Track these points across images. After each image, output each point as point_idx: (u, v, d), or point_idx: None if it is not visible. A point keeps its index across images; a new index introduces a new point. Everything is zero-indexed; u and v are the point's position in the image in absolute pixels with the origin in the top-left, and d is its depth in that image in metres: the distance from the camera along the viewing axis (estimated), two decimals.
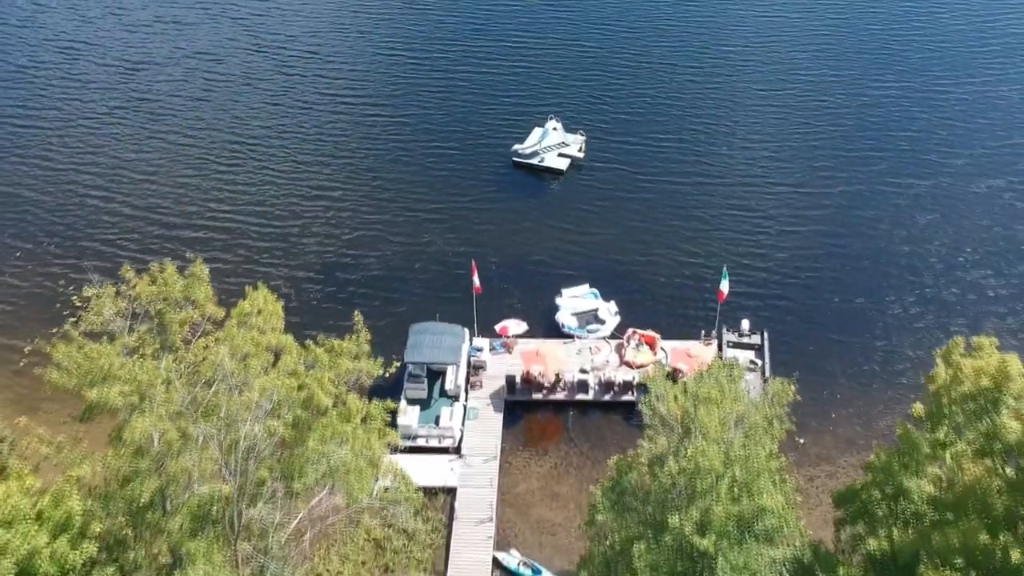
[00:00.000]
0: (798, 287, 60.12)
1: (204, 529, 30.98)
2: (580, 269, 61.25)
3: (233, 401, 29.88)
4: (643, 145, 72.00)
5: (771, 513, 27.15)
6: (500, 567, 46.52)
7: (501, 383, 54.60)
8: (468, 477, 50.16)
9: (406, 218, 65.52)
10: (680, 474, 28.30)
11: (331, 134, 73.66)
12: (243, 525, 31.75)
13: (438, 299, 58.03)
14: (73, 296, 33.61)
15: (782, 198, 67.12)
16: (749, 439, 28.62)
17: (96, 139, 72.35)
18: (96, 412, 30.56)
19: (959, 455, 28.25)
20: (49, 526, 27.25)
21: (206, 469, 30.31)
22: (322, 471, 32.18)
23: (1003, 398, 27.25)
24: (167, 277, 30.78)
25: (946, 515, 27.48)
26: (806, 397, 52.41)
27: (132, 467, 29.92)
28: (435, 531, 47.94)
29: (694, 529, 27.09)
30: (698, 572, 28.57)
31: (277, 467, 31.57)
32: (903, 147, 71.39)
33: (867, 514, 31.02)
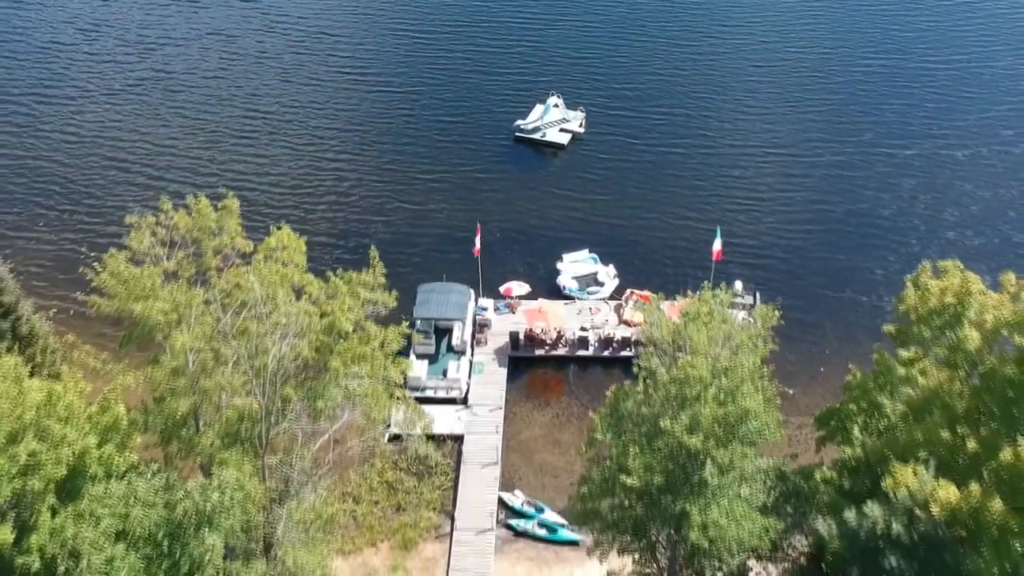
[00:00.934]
0: (789, 249, 63.02)
1: (233, 446, 33.60)
2: (580, 235, 63.97)
3: (262, 324, 32.57)
4: (641, 120, 74.78)
5: (754, 415, 29.84)
6: (505, 506, 49.22)
7: (505, 340, 57.30)
8: (474, 425, 52.86)
9: (413, 188, 68.25)
10: (671, 383, 31.04)
11: (341, 109, 76.48)
12: (269, 442, 34.41)
13: (444, 262, 60.60)
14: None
15: (774, 165, 70.15)
16: (735, 354, 31.32)
17: (116, 113, 75.26)
18: (137, 335, 33.26)
19: (926, 368, 30.93)
20: (97, 430, 29.91)
21: (236, 386, 32.98)
22: (342, 394, 34.83)
23: (965, 312, 29.94)
24: (201, 208, 33.50)
25: (912, 418, 30.18)
26: (796, 352, 55.69)
27: (170, 384, 32.64)
28: (444, 474, 50.70)
29: (684, 430, 29.79)
30: (688, 473, 31.27)
31: (302, 388, 34.20)
32: (889, 118, 74.56)
33: (843, 429, 33.70)
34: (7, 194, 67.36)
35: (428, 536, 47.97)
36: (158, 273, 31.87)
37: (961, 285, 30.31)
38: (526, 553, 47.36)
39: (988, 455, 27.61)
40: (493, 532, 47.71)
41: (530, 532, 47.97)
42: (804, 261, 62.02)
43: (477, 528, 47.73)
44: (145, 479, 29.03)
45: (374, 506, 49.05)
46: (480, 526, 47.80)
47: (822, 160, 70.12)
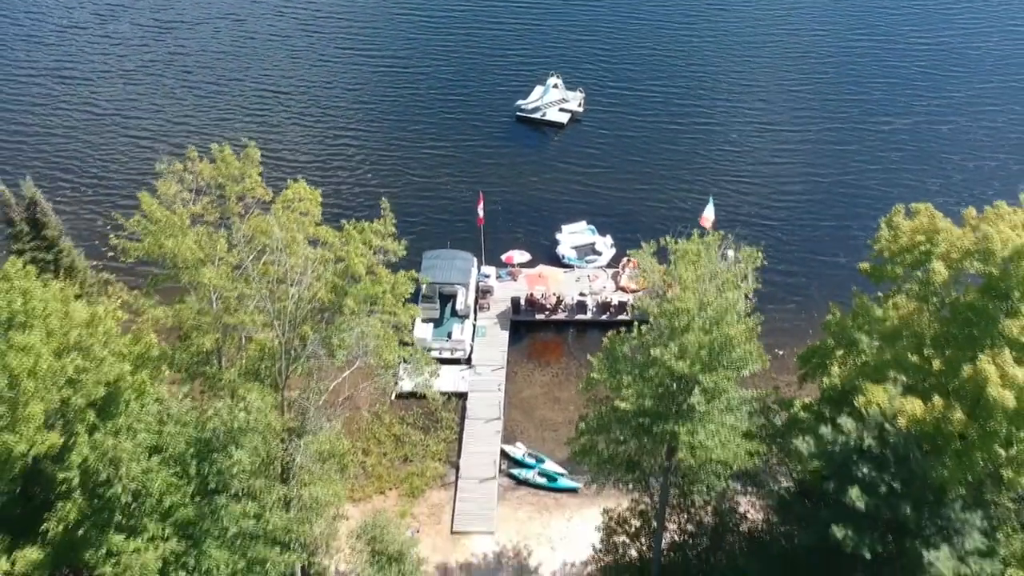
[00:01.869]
0: (780, 217, 65.72)
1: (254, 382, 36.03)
2: (578, 208, 66.48)
3: (281, 265, 35.02)
4: (638, 99, 77.51)
5: (737, 342, 32.29)
6: (507, 458, 51.72)
7: (507, 306, 59.80)
8: (478, 384, 55.33)
9: (419, 162, 70.87)
10: (661, 315, 33.50)
11: (350, 88, 79.40)
12: (288, 378, 36.86)
13: (448, 231, 63.11)
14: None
15: (766, 139, 73.11)
16: (720, 290, 33.75)
17: (132, 92, 78.18)
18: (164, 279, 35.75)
19: (899, 302, 33.39)
20: (131, 358, 32.37)
21: (258, 325, 35.45)
22: (356, 334, 37.28)
23: (933, 249, 32.38)
24: (226, 156, 35.95)
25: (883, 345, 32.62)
26: (785, 315, 58.28)
27: (195, 321, 35.13)
28: (449, 428, 53.19)
29: (672, 357, 32.23)
30: (678, 400, 33.72)
31: (320, 327, 36.63)
32: (877, 94, 77.72)
33: (823, 365, 36.12)
34: (26, 168, 70.05)
35: (434, 484, 50.49)
36: (186, 214, 34.34)
37: (929, 224, 32.76)
38: (527, 500, 49.87)
39: (951, 373, 30.07)
40: (496, 481, 50.18)
41: (531, 481, 50.47)
42: (794, 228, 64.71)
43: (481, 477, 50.21)
44: (177, 400, 31.46)
45: (383, 457, 51.59)
46: (484, 475, 50.28)
47: (812, 133, 73.37)
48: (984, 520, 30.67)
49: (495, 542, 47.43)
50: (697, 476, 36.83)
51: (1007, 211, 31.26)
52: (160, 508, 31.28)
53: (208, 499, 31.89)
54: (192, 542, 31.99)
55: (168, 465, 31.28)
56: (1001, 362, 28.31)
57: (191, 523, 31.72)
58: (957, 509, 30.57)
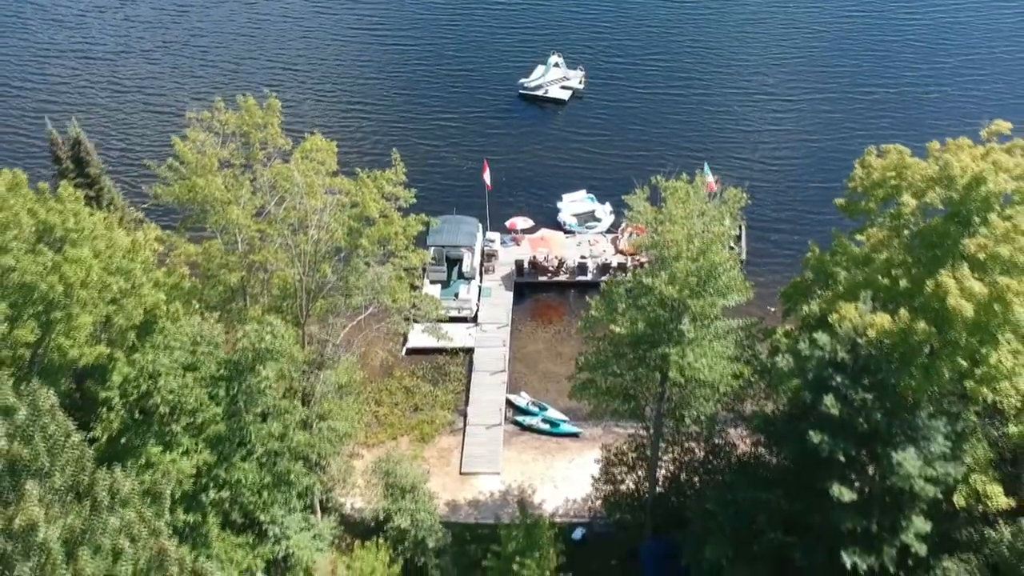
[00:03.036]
0: (774, 180, 68.64)
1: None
2: (579, 178, 69.42)
3: (301, 208, 37.94)
4: (636, 77, 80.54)
5: (722, 269, 35.12)
6: (512, 406, 54.58)
7: (511, 269, 62.68)
8: (484, 340, 58.22)
9: (426, 133, 74.05)
10: (652, 247, 36.34)
11: (360, 64, 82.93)
12: (308, 314, 39.81)
13: (454, 198, 65.87)
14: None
15: (761, 108, 76.49)
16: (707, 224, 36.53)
17: (151, 70, 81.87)
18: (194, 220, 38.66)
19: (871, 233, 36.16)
20: (165, 289, 35.29)
21: (280, 263, 38.38)
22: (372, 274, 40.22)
23: (902, 183, 35.16)
24: (249, 105, 38.83)
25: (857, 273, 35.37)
26: (776, 276, 60.83)
27: (223, 259, 38.06)
28: (456, 380, 56.08)
29: (663, 284, 35.05)
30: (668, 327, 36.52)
31: (338, 268, 39.53)
32: (866, 63, 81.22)
33: (803, 298, 38.85)
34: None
35: (443, 431, 53.40)
36: (215, 156, 37.25)
37: (899, 160, 35.55)
38: (531, 444, 52.72)
39: (916, 291, 32.83)
40: (501, 427, 53.05)
41: (535, 427, 53.33)
42: (787, 189, 67.82)
43: (487, 423, 53.10)
44: (209, 323, 34.38)
45: (394, 407, 54.54)
46: (490, 422, 53.16)
47: (804, 103, 76.75)
48: (948, 427, 33.41)
49: (501, 482, 50.23)
50: (687, 402, 39.60)
51: (967, 144, 34.00)
52: (194, 425, 34.17)
53: (237, 417, 34.76)
54: (222, 456, 34.88)
55: (201, 384, 34.14)
56: (960, 276, 31.05)
57: (221, 439, 34.57)
58: (924, 417, 33.32)
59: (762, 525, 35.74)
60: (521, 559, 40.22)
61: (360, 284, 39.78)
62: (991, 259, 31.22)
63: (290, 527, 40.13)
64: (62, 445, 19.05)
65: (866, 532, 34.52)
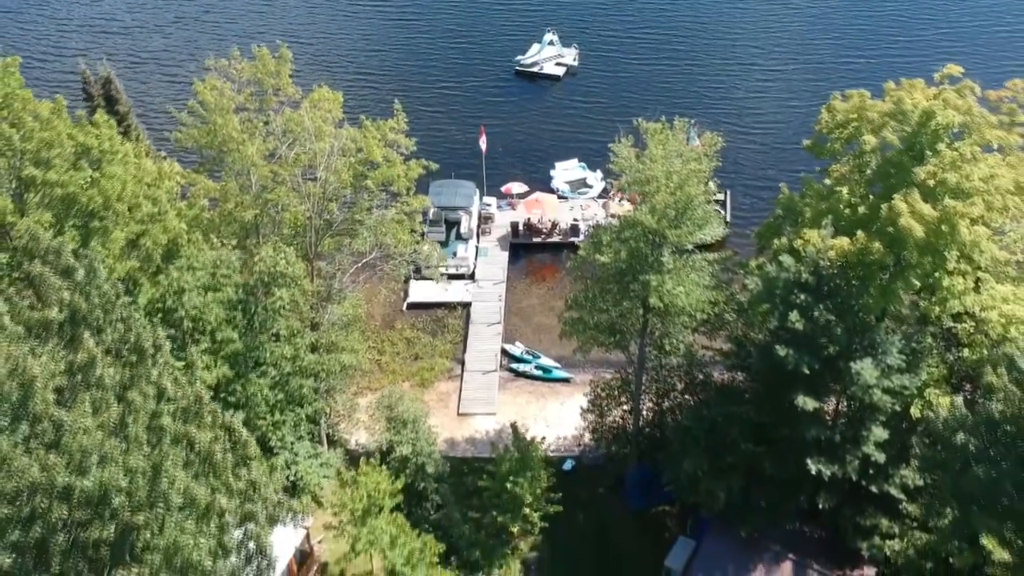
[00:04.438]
0: (757, 146, 71.97)
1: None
2: (572, 148, 72.56)
3: (310, 151, 41.12)
4: (627, 54, 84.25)
5: (698, 203, 38.28)
6: (507, 355, 57.66)
7: (507, 231, 65.81)
8: (481, 295, 61.34)
9: (425, 107, 76.82)
10: (634, 184, 39.48)
11: (364, 38, 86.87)
12: (317, 251, 42.97)
13: (453, 164, 68.68)
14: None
15: (745, 76, 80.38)
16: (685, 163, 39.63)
17: (163, 43, 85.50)
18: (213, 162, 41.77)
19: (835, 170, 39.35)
20: (186, 220, 38.42)
21: (292, 201, 41.54)
22: (376, 215, 43.40)
23: (863, 124, 38.29)
24: (263, 55, 41.97)
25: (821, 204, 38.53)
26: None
27: (239, 197, 41.19)
28: (455, 332, 59.18)
29: (645, 214, 38.19)
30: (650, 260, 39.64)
31: (344, 209, 42.70)
32: (852, 37, 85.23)
33: (775, 232, 42.01)
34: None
35: (442, 377, 56.46)
36: (232, 100, 40.42)
37: (860, 103, 38.70)
38: (525, 388, 55.81)
39: (873, 217, 35.99)
40: (497, 373, 56.13)
41: (528, 373, 56.41)
42: (771, 152, 71.24)
43: (484, 370, 56.18)
44: (228, 249, 37.53)
45: (395, 356, 57.61)
46: (486, 368, 56.25)
47: (789, 71, 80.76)
48: (904, 342, 36.57)
49: (496, 421, 53.24)
50: (668, 332, 42.75)
51: (920, 84, 37.15)
52: (213, 344, 37.27)
53: (253, 336, 37.89)
54: (239, 373, 38.00)
55: (220, 305, 37.26)
56: (911, 201, 34.19)
57: (238, 356, 37.69)
58: (881, 332, 36.51)
59: (734, 437, 38.88)
60: (514, 479, 43.40)
61: (366, 222, 42.88)
62: (940, 185, 34.32)
63: (299, 453, 43.34)
64: (113, 303, 22.06)
65: (830, 442, 37.70)
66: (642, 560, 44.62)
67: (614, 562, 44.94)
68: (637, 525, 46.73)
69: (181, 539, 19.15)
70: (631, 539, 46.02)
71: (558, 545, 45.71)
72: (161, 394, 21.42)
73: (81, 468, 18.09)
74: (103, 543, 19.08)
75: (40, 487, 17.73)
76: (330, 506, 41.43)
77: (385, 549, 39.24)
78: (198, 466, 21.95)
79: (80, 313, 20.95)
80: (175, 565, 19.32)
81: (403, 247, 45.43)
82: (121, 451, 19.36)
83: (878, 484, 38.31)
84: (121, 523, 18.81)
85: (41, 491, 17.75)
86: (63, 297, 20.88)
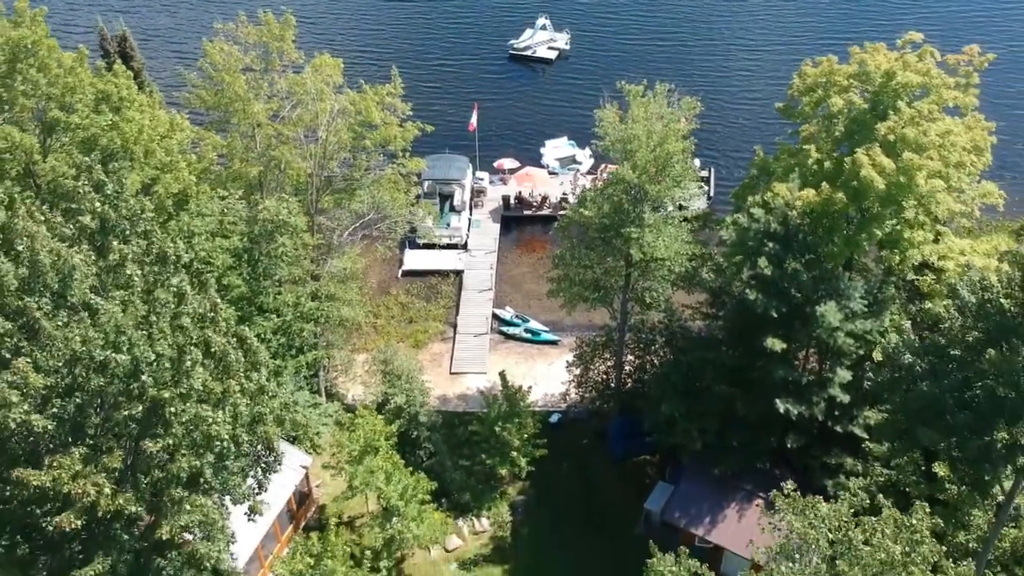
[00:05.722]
0: (741, 124, 74.48)
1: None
2: (561, 127, 75.14)
3: (312, 111, 43.56)
4: (617, 37, 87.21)
5: (677, 159, 40.84)
6: (498, 319, 60.16)
7: (499, 205, 68.32)
8: (473, 263, 63.84)
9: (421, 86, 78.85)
10: (616, 142, 42.02)
11: (367, 17, 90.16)
12: (318, 206, 45.41)
13: (447, 140, 71.34)
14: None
15: (731, 57, 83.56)
16: (665, 125, 42.18)
17: (173, 22, 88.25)
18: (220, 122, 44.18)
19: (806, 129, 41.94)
20: (195, 172, 40.80)
21: (294, 157, 43.97)
22: (372, 178, 45.88)
23: (831, 88, 40.88)
24: (268, 19, 44.37)
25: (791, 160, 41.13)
26: None
27: (244, 155, 43.62)
28: (447, 298, 61.69)
29: (627, 170, 40.73)
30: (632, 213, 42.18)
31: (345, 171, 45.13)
32: (834, 12, 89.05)
33: (749, 190, 44.57)
34: None
35: (435, 338, 58.96)
36: (239, 60, 42.86)
37: (829, 68, 41.31)
38: (515, 350, 58.32)
39: (838, 171, 38.60)
40: (488, 336, 58.63)
41: (518, 336, 58.94)
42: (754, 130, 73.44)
43: (475, 332, 58.67)
44: (234, 199, 39.97)
45: (391, 319, 60.09)
46: (478, 330, 58.75)
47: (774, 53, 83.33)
48: (865, 288, 39.16)
49: (487, 380, 55.66)
50: (649, 285, 45.29)
51: (882, 47, 39.78)
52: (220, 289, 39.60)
53: (257, 282, 40.33)
54: (244, 316, 40.38)
55: (226, 253, 39.69)
56: (873, 154, 36.80)
57: (243, 300, 40.11)
58: (845, 279, 39.10)
59: (709, 381, 41.45)
60: (503, 424, 45.96)
61: (364, 181, 45.34)
62: (900, 140, 36.93)
63: (299, 402, 45.73)
64: (138, 215, 24.48)
65: (797, 384, 40.30)
66: (624, 504, 47.15)
67: (597, 506, 47.42)
68: (619, 473, 49.26)
69: (202, 413, 21.56)
70: (614, 485, 48.53)
71: (544, 490, 48.22)
72: (181, 297, 23.84)
73: (115, 345, 20.47)
74: (132, 420, 21.48)
75: (80, 359, 20.11)
76: (329, 447, 43.89)
77: (381, 485, 41.65)
78: (213, 367, 24.35)
79: (110, 223, 23.37)
80: (195, 439, 21.72)
81: (399, 208, 47.81)
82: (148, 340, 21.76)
83: (843, 424, 40.94)
84: (148, 400, 21.21)
85: (81, 364, 20.13)
86: (95, 207, 23.31)
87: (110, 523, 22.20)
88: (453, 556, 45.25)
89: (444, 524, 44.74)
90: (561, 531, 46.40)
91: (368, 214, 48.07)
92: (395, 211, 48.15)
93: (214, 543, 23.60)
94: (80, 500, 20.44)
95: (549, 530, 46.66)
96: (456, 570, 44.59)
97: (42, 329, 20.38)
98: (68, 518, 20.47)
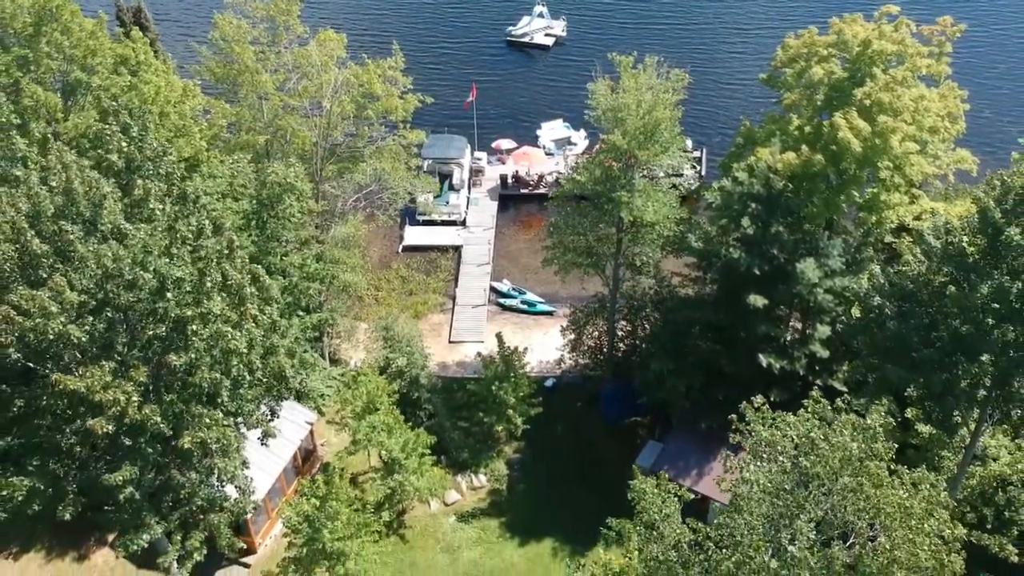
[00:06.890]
0: (734, 108, 76.16)
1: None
2: (557, 110, 77.21)
3: (317, 81, 45.56)
4: (612, 24, 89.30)
5: (665, 127, 42.85)
6: (495, 292, 62.15)
7: (496, 184, 70.34)
8: (471, 239, 65.83)
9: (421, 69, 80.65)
10: (608, 111, 44.01)
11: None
12: (322, 174, 47.40)
13: (446, 122, 73.53)
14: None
15: (725, 42, 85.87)
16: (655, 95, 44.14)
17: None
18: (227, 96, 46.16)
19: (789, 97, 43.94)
20: (206, 139, 42.79)
21: (298, 131, 45.96)
22: (373, 149, 47.86)
23: (812, 57, 42.89)
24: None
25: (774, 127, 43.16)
26: None
27: (252, 123, 45.63)
28: (446, 272, 63.69)
29: (617, 137, 42.76)
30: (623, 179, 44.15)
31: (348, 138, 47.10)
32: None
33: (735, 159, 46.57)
34: None
35: (435, 310, 60.93)
36: (248, 32, 44.88)
37: (810, 40, 43.35)
38: (512, 320, 60.28)
39: (817, 134, 40.63)
40: (486, 307, 60.62)
41: (515, 307, 60.93)
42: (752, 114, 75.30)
43: (473, 303, 60.67)
44: (243, 162, 41.95)
45: (391, 292, 62.08)
46: (476, 302, 60.74)
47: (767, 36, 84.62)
48: (843, 247, 41.16)
49: (485, 348, 57.64)
50: (639, 250, 47.27)
51: (859, 18, 41.83)
52: None
53: (265, 243, 42.28)
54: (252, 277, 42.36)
55: (236, 215, 41.65)
56: (849, 117, 38.84)
57: (252, 259, 42.00)
58: (824, 238, 41.13)
59: (695, 338, 43.44)
60: (499, 384, 47.95)
61: (366, 152, 47.34)
62: (875, 104, 38.95)
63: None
64: (161, 157, 26.43)
65: (780, 341, 42.29)
66: (616, 462, 49.07)
67: (590, 464, 49.40)
68: (612, 434, 51.22)
69: (222, 329, 23.51)
70: (606, 445, 50.49)
71: (540, 449, 50.21)
72: (200, 232, 25.83)
73: (143, 264, 22.46)
74: (157, 339, 23.47)
75: (112, 276, 22.08)
76: (333, 403, 45.88)
77: (383, 439, 43.62)
78: (229, 299, 26.33)
79: (135, 162, 25.36)
80: (215, 356, 23.67)
81: (399, 180, 49.81)
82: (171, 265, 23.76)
83: (823, 379, 42.91)
84: (171, 319, 23.21)
85: (112, 280, 22.10)
86: (122, 147, 25.29)
87: (136, 436, 24.14)
88: (452, 510, 47.19)
89: (443, 479, 46.72)
90: (556, 487, 48.37)
91: (370, 184, 50.05)
92: (396, 182, 50.09)
93: (230, 459, 25.53)
94: (110, 408, 22.40)
95: (545, 486, 48.62)
96: (455, 522, 46.53)
97: (76, 252, 22.32)
98: (100, 423, 22.45)
